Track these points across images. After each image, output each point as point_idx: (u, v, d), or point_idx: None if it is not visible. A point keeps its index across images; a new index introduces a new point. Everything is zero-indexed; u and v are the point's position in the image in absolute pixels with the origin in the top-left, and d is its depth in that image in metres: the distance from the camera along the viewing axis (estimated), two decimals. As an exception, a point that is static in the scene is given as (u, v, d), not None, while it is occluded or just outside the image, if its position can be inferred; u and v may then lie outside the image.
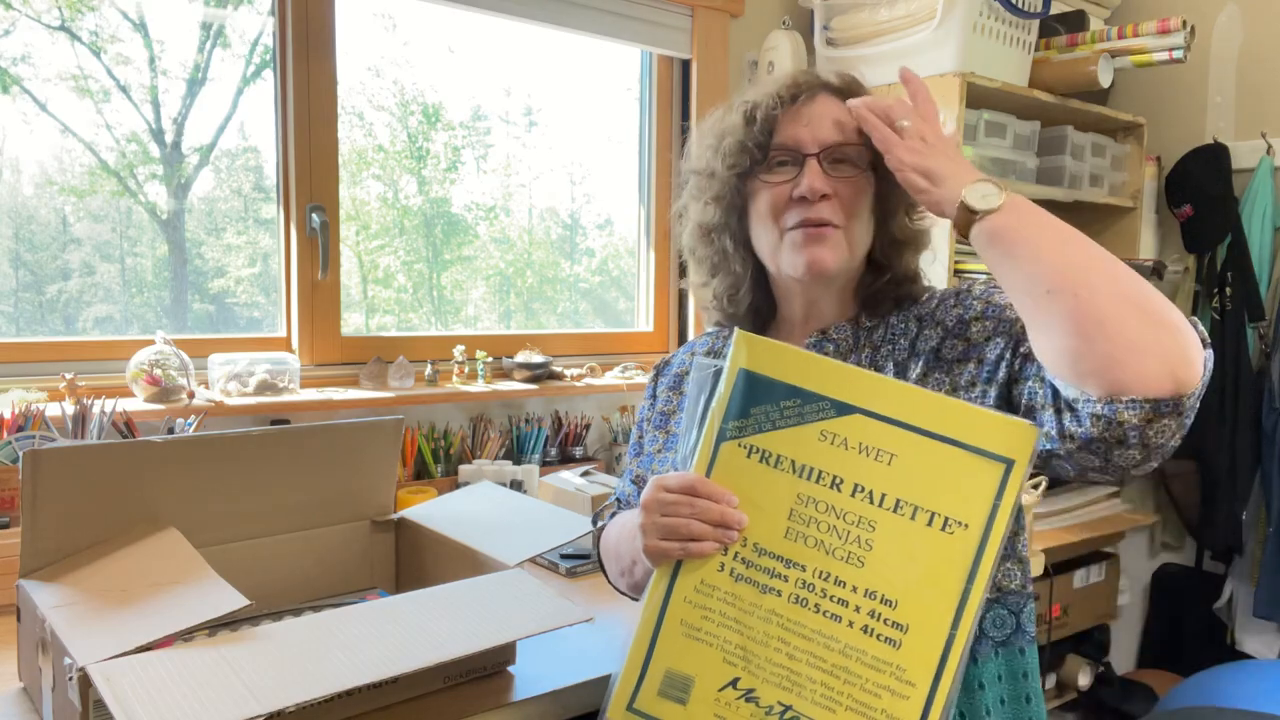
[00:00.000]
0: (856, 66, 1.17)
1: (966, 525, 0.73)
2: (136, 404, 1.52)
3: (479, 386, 1.87)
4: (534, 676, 1.08)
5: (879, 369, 1.00)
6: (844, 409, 0.75)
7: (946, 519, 0.73)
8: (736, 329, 0.77)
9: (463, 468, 1.79)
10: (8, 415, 1.37)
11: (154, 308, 1.79)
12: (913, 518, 0.74)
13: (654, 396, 1.16)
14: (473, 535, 1.22)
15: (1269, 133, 2.37)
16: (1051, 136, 2.26)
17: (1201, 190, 2.41)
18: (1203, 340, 0.80)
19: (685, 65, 2.23)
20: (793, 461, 0.76)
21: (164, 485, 1.08)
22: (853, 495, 0.74)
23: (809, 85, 1.03)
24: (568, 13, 2.00)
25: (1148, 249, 2.52)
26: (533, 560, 1.20)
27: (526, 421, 1.97)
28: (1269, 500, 2.30)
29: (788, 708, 0.74)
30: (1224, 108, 2.48)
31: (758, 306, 1.10)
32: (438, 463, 1.82)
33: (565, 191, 2.30)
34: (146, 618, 0.90)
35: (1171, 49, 2.10)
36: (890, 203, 1.04)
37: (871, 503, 0.74)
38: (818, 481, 0.75)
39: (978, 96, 2.01)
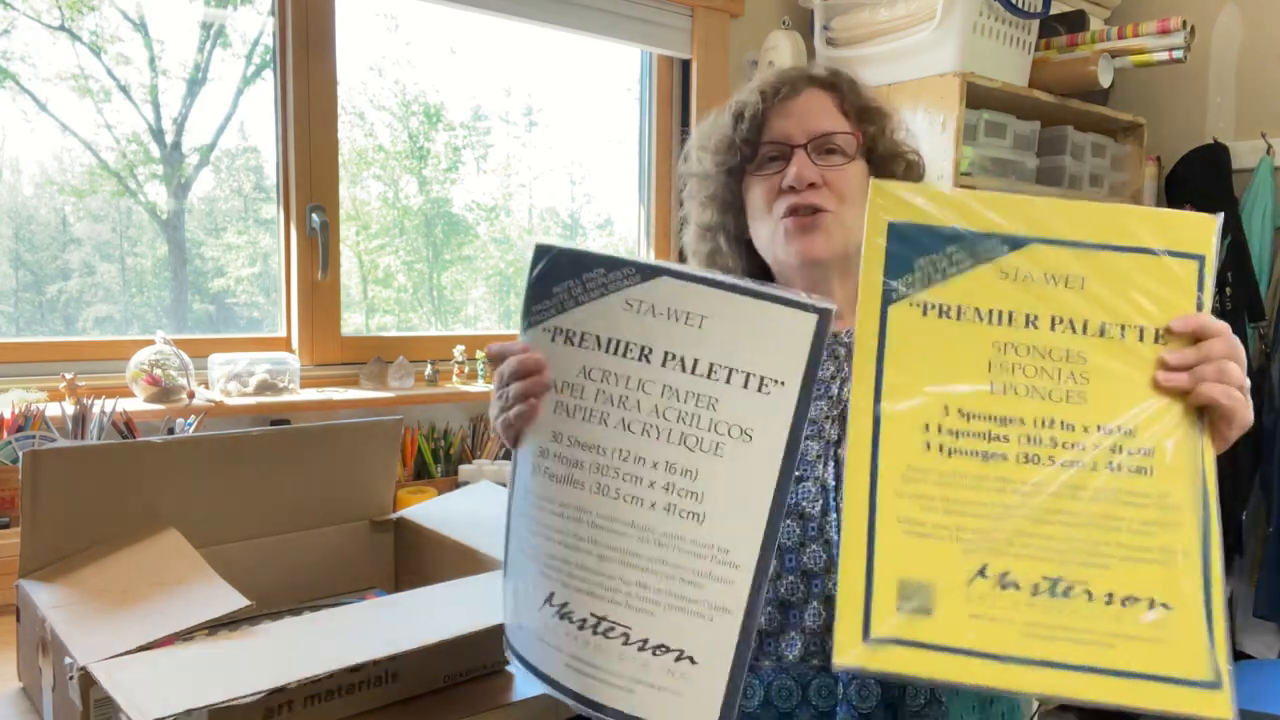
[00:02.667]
0: (856, 66, 1.17)
1: (1169, 329, 0.67)
2: (136, 404, 1.52)
3: (479, 386, 1.87)
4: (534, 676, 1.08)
5: None
6: (1017, 242, 0.68)
7: (1157, 331, 0.67)
8: (872, 180, 0.71)
9: (463, 468, 1.79)
10: (8, 415, 1.37)
11: (154, 308, 1.79)
12: (1122, 335, 0.67)
13: None
14: (472, 535, 1.22)
15: (1269, 133, 2.37)
16: (1051, 136, 2.26)
17: (1201, 190, 2.41)
18: None
19: (685, 65, 2.23)
20: (977, 310, 0.68)
21: (164, 485, 1.08)
22: (1053, 329, 0.67)
23: (794, 80, 1.04)
24: (568, 13, 2.00)
25: (1148, 249, 2.52)
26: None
27: (526, 421, 1.97)
28: (1269, 500, 2.30)
29: (1056, 580, 0.64)
30: (1224, 108, 2.48)
31: None
32: (438, 463, 1.82)
33: (565, 191, 2.30)
34: (146, 618, 0.90)
35: (1171, 49, 2.10)
36: None
37: (1074, 331, 0.67)
38: (1011, 324, 0.67)
39: (978, 96, 2.01)
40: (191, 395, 1.57)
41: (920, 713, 0.91)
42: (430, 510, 1.34)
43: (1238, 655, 2.41)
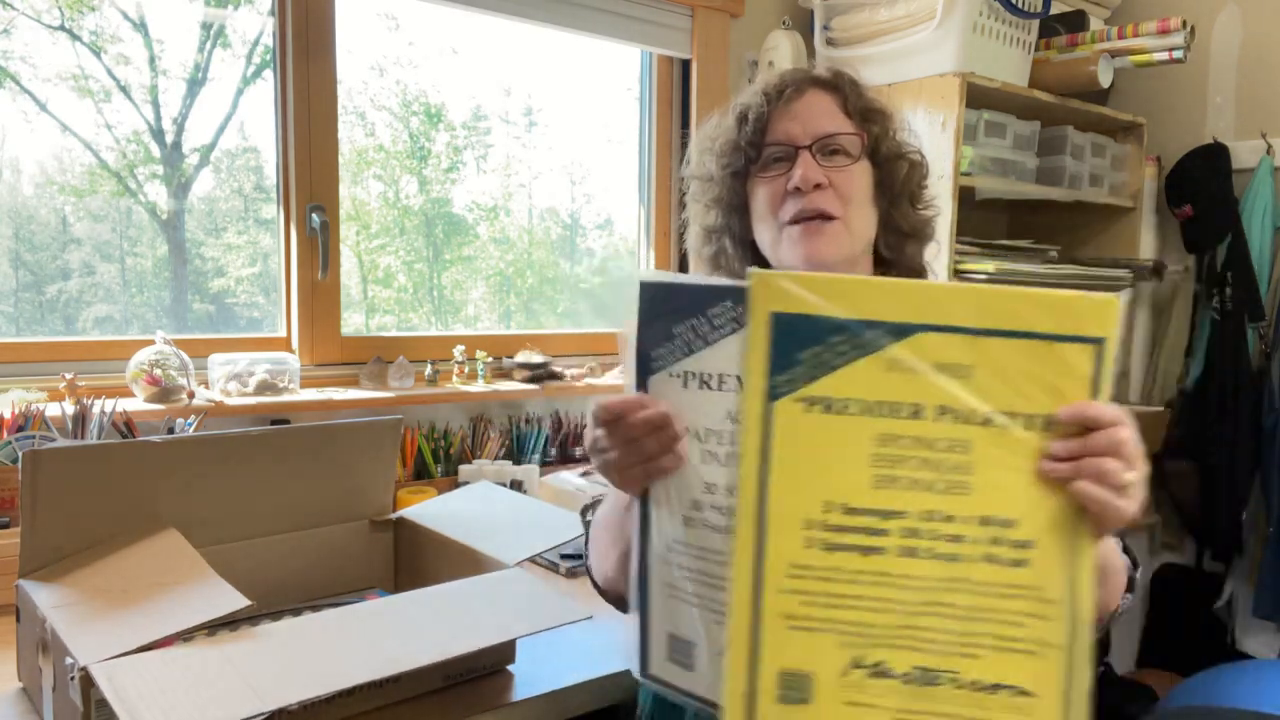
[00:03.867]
0: (856, 66, 1.17)
1: (1059, 419, 0.66)
2: (136, 404, 1.52)
3: (479, 386, 1.87)
4: (534, 676, 1.08)
5: None
6: (903, 330, 0.65)
7: (1045, 418, 0.65)
8: (751, 270, 0.67)
9: (463, 468, 1.79)
10: (8, 415, 1.37)
11: (154, 308, 1.79)
12: (1009, 425, 0.65)
13: None
14: (472, 535, 1.22)
15: (1269, 133, 2.37)
16: (1051, 136, 2.26)
17: (1201, 190, 2.41)
18: (1130, 581, 0.92)
19: (685, 65, 2.22)
20: (862, 401, 0.66)
21: (164, 485, 1.08)
22: (937, 420, 0.65)
23: (797, 81, 1.04)
24: (568, 13, 2.00)
25: (1148, 249, 2.52)
26: (532, 560, 1.21)
27: (526, 421, 1.97)
28: (1269, 500, 2.30)
29: (927, 669, 0.67)
30: (1224, 108, 2.48)
31: None
32: (438, 463, 1.82)
33: (565, 191, 2.30)
34: (147, 618, 0.90)
35: (1171, 49, 2.10)
36: (892, 191, 1.05)
37: (959, 421, 0.65)
38: (894, 416, 0.66)
39: (978, 96, 2.01)
40: (191, 395, 1.57)
41: None
42: (430, 510, 1.34)
43: (1238, 655, 2.41)
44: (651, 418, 0.71)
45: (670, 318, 0.69)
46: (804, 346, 0.66)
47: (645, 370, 0.71)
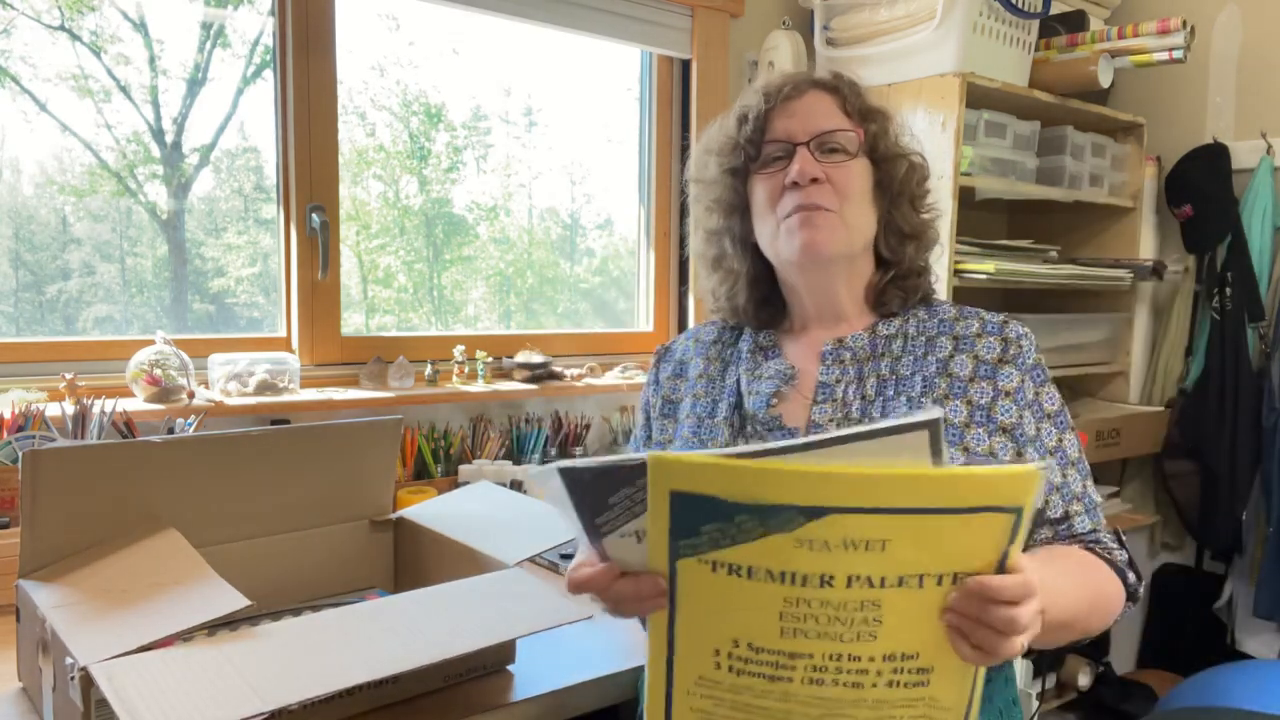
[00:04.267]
0: (856, 67, 1.18)
1: (979, 572, 0.66)
2: (136, 404, 1.52)
3: (479, 386, 1.87)
4: (534, 676, 1.08)
5: (899, 379, 1.00)
6: (815, 513, 0.62)
7: (956, 574, 0.66)
8: (648, 454, 0.64)
9: (463, 468, 1.79)
10: (8, 415, 1.37)
11: (154, 308, 1.79)
12: (920, 585, 0.65)
13: (657, 383, 1.16)
14: (472, 535, 1.22)
15: (1269, 133, 2.37)
16: (1051, 136, 2.26)
17: (1201, 190, 2.41)
18: (1131, 595, 0.96)
19: (685, 65, 2.23)
20: (769, 571, 0.65)
21: (164, 485, 1.08)
22: (849, 587, 0.64)
23: (797, 81, 1.05)
24: (568, 13, 2.00)
25: (1148, 249, 2.52)
26: (532, 560, 1.20)
27: (526, 421, 1.97)
28: (1269, 500, 2.30)
29: None
30: (1224, 108, 2.48)
31: (769, 306, 1.11)
32: (438, 463, 1.82)
33: (565, 191, 2.30)
34: (147, 618, 0.90)
35: (1171, 49, 2.10)
36: (891, 191, 1.05)
37: (872, 586, 0.65)
38: (804, 585, 0.65)
39: (978, 96, 2.01)
40: (191, 395, 1.57)
41: None
42: (430, 510, 1.34)
43: (1238, 655, 2.41)
44: (635, 591, 0.69)
45: (602, 492, 0.68)
46: (706, 521, 0.65)
47: (596, 535, 0.70)
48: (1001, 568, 0.65)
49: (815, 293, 1.06)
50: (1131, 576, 0.95)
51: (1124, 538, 0.99)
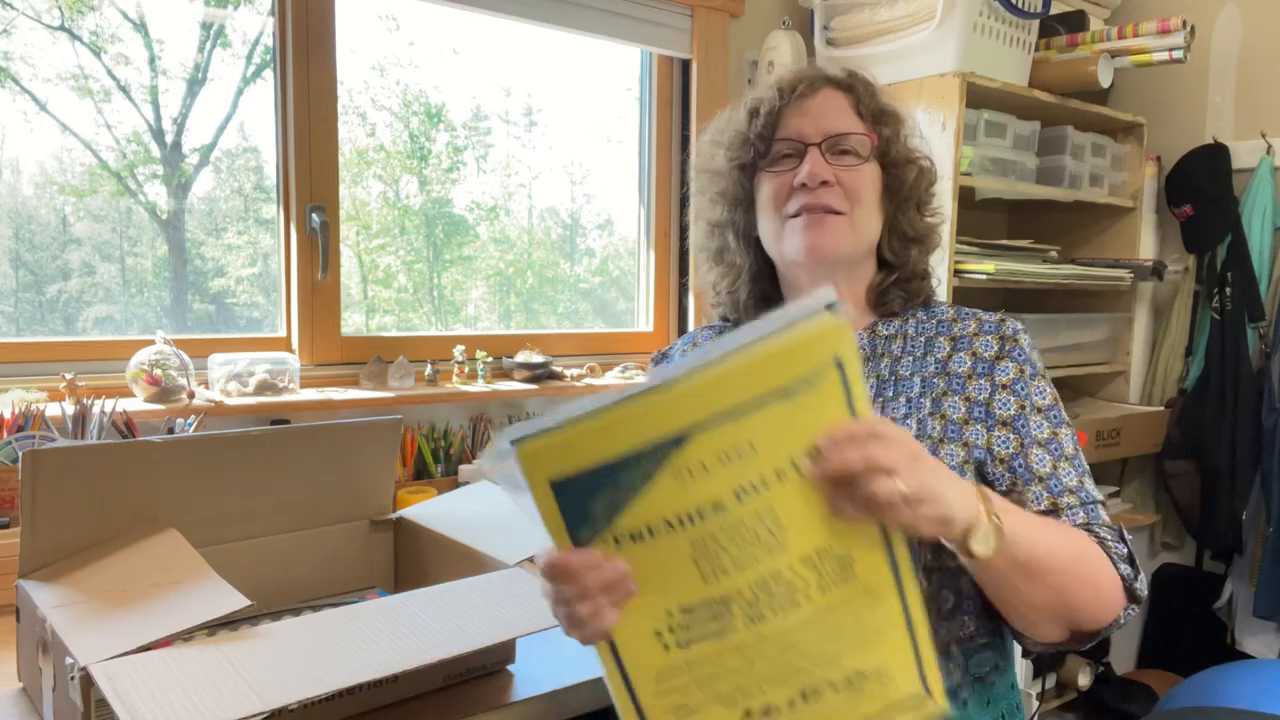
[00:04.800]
0: (856, 67, 1.17)
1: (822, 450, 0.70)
2: (136, 404, 1.52)
3: (479, 386, 1.87)
4: (534, 676, 1.08)
5: (899, 379, 1.00)
6: (678, 440, 0.65)
7: (814, 449, 0.68)
8: (512, 444, 0.65)
9: (463, 468, 1.79)
10: (8, 415, 1.37)
11: (154, 308, 1.79)
12: (798, 471, 0.67)
13: None
14: (472, 535, 1.22)
15: (1269, 133, 2.38)
16: (1051, 136, 2.26)
17: (1201, 190, 2.41)
18: (1130, 592, 0.91)
19: (685, 65, 2.23)
20: (666, 522, 0.67)
21: (164, 485, 1.08)
22: (740, 502, 0.66)
23: (811, 79, 1.04)
24: (568, 13, 2.00)
25: (1148, 249, 2.52)
26: (532, 560, 1.20)
27: (526, 421, 1.97)
28: (1269, 500, 2.30)
29: (804, 690, 0.70)
30: (1224, 108, 2.48)
31: (769, 303, 1.10)
32: (438, 463, 1.82)
33: (565, 191, 2.30)
34: (147, 618, 0.90)
35: (1171, 49, 2.10)
36: (900, 195, 1.05)
37: (759, 492, 0.67)
38: (702, 519, 0.67)
39: (978, 96, 2.01)
40: (191, 395, 1.57)
41: None
42: (430, 510, 1.34)
43: (1238, 655, 2.41)
44: (604, 577, 0.68)
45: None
46: (593, 496, 0.67)
47: (583, 546, 0.70)
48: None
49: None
50: (1126, 569, 0.91)
51: (1128, 536, 0.95)
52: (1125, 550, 0.93)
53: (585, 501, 0.67)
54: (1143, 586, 0.92)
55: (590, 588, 0.68)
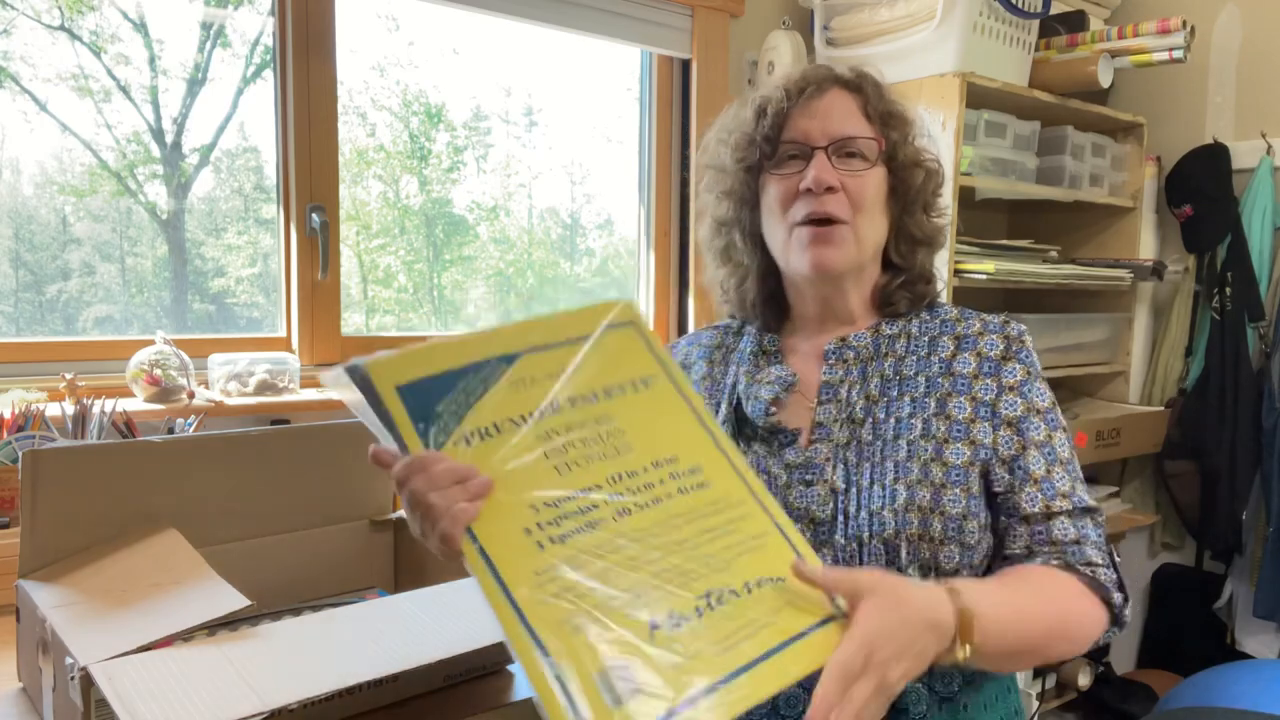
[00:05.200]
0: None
1: (651, 376, 0.84)
2: (136, 404, 1.52)
3: (479, 386, 1.87)
4: (534, 676, 1.08)
5: (903, 379, 1.00)
6: (511, 358, 0.78)
7: (639, 379, 0.83)
8: (364, 361, 0.71)
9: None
10: (8, 415, 1.37)
11: (154, 308, 1.79)
12: (624, 392, 0.81)
13: None
14: (473, 535, 1.22)
15: (1269, 133, 2.37)
16: (1051, 136, 2.26)
17: (1201, 190, 2.41)
18: (1116, 619, 0.92)
19: (685, 65, 2.22)
20: (509, 419, 0.76)
21: (164, 485, 1.08)
22: (574, 407, 0.78)
23: (819, 79, 1.02)
24: (568, 13, 2.00)
25: (1148, 249, 2.52)
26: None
27: (526, 421, 1.97)
28: (1269, 500, 2.30)
29: (707, 594, 0.71)
30: (1224, 108, 2.48)
31: (775, 301, 1.10)
32: (438, 463, 1.82)
33: (565, 191, 2.30)
34: (147, 618, 0.90)
35: (1171, 49, 2.10)
36: (907, 198, 1.04)
37: (592, 403, 0.79)
38: (541, 417, 0.77)
39: (978, 96, 2.01)
40: (191, 395, 1.57)
41: (924, 718, 0.91)
42: (430, 510, 1.33)
43: (1238, 655, 2.41)
44: (455, 468, 0.71)
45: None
46: (439, 398, 0.75)
47: (435, 446, 0.73)
48: (667, 369, 0.85)
49: (821, 299, 1.05)
50: (1117, 597, 0.90)
51: (1116, 556, 0.94)
52: (1115, 576, 0.92)
53: (431, 403, 0.74)
54: (1128, 613, 0.93)
55: (439, 478, 0.70)
